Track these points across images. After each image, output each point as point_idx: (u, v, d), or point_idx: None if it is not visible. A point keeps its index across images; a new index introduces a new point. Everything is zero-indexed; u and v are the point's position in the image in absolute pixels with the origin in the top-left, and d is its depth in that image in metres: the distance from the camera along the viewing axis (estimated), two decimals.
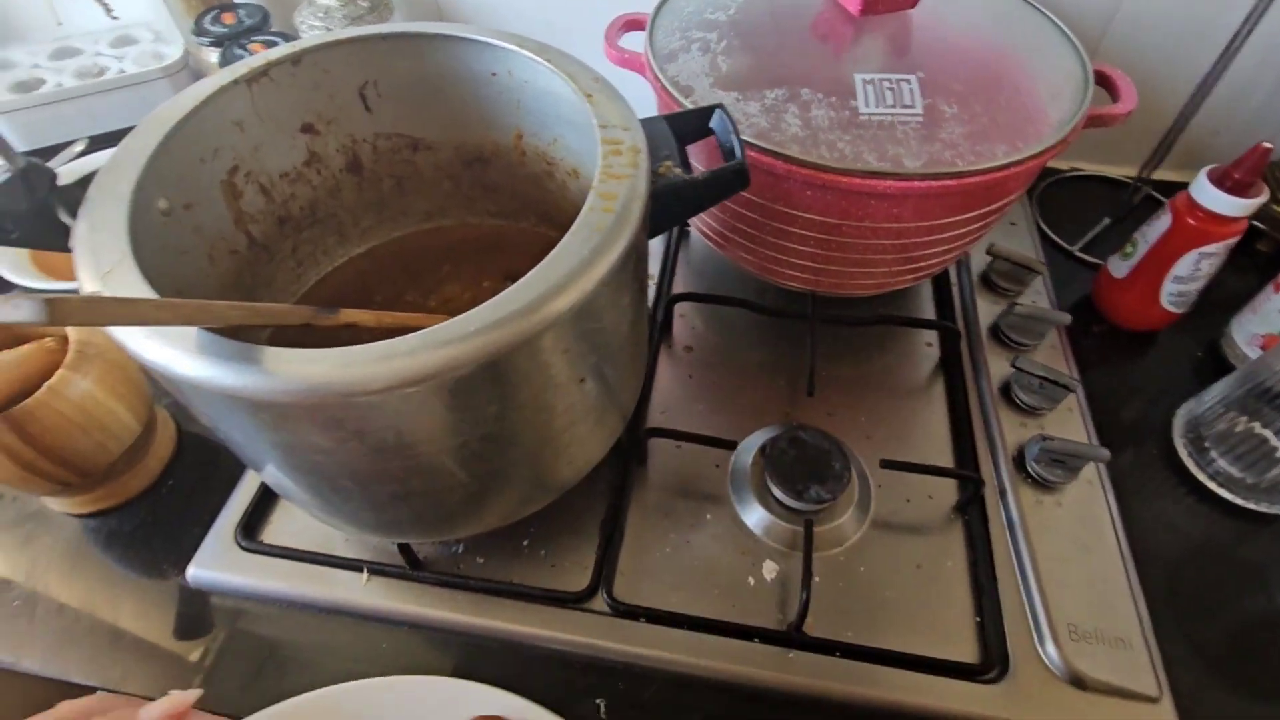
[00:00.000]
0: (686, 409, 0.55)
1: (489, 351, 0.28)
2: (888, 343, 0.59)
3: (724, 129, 0.38)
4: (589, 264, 0.31)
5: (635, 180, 0.34)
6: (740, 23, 0.49)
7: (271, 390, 0.27)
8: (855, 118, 0.43)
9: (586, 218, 0.32)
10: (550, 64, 0.40)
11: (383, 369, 0.27)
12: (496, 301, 0.29)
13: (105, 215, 0.32)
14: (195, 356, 0.27)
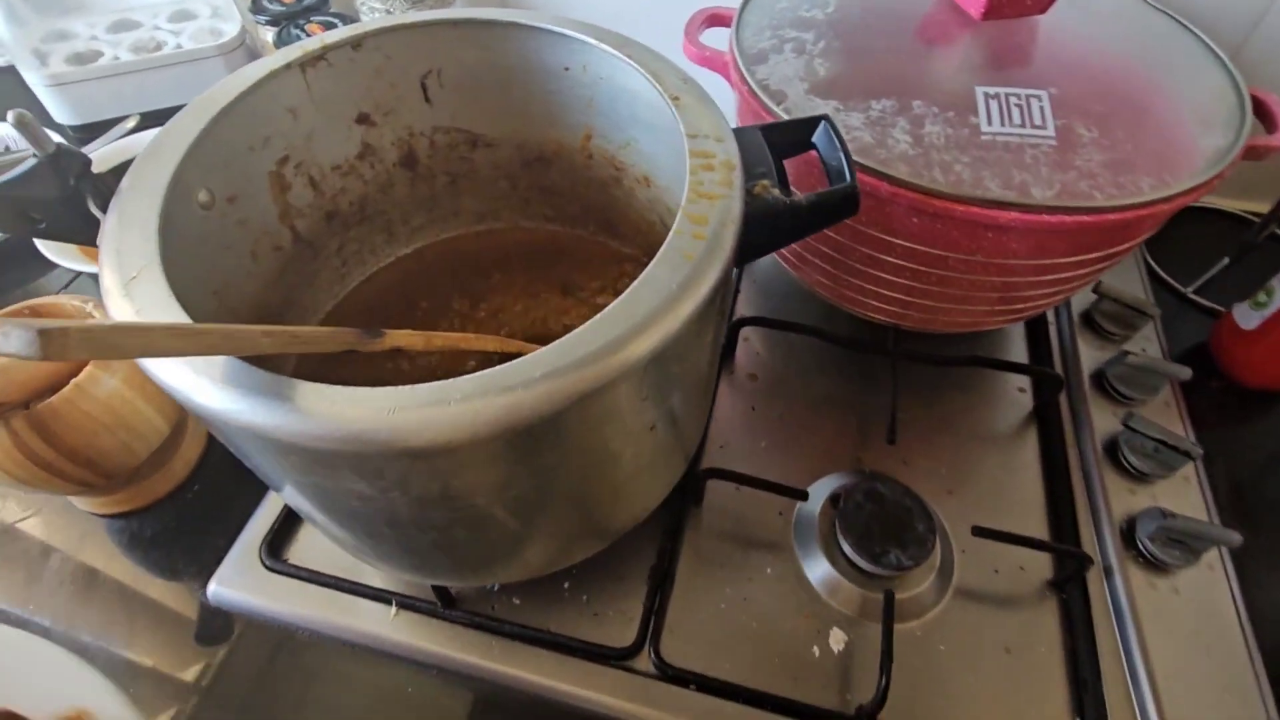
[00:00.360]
0: (748, 445, 0.50)
1: (557, 401, 0.24)
2: (973, 384, 0.53)
3: (830, 145, 0.33)
4: (676, 299, 0.26)
5: (729, 201, 0.29)
6: (840, 21, 0.44)
7: (305, 434, 0.23)
8: (975, 137, 0.37)
9: (675, 243, 0.28)
10: (632, 60, 0.36)
11: (434, 418, 0.23)
12: (569, 341, 0.25)
13: (136, 210, 0.29)
14: (220, 386, 0.23)
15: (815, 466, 0.49)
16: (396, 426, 0.23)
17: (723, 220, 0.28)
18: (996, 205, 0.35)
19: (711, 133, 0.32)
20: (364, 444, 0.23)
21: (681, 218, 0.28)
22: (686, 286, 0.26)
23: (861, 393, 0.53)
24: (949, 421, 0.51)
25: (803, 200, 0.31)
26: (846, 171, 0.31)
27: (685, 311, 0.26)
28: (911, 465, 0.49)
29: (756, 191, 0.31)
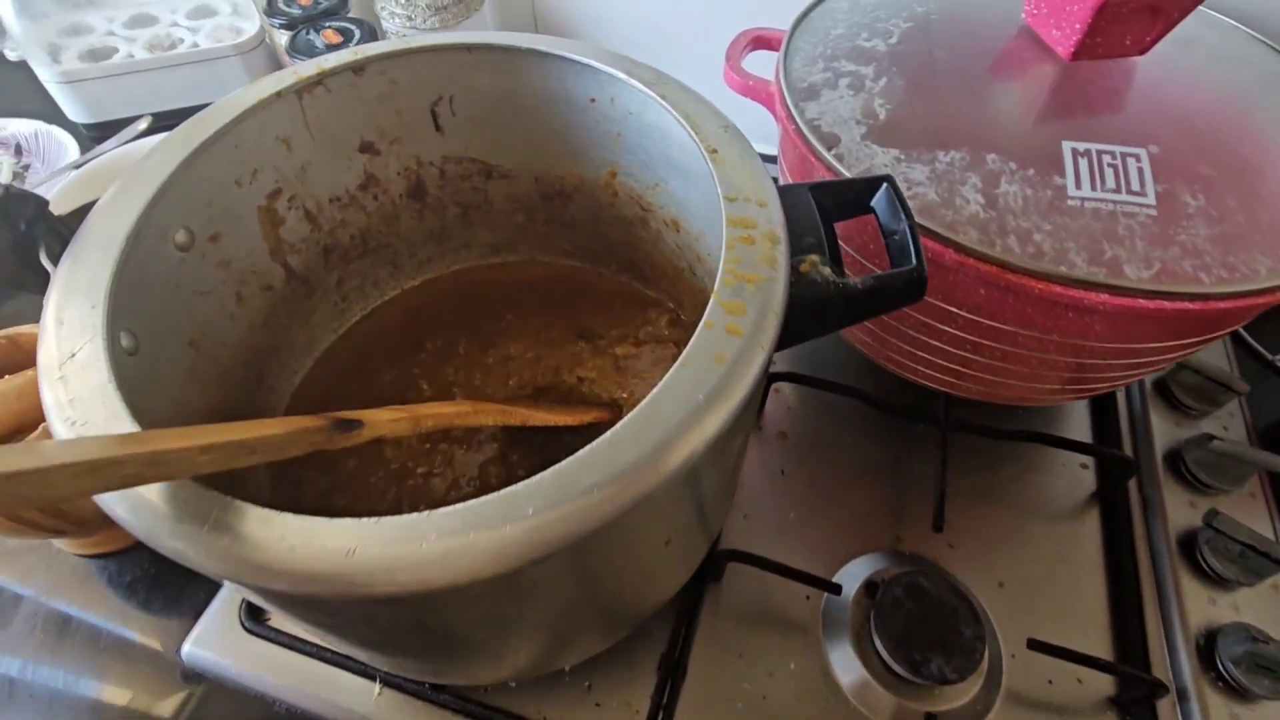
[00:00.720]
0: (775, 516, 0.45)
1: (552, 542, 0.20)
2: (1029, 457, 0.48)
3: (892, 213, 0.28)
4: (703, 413, 0.22)
5: (772, 286, 0.25)
6: (904, 55, 0.39)
7: (246, 575, 0.19)
8: (1060, 201, 0.32)
9: (705, 339, 0.23)
10: (665, 101, 0.31)
11: (403, 560, 0.19)
12: (571, 467, 0.20)
13: (88, 267, 0.25)
14: (156, 517, 0.19)
15: (849, 544, 0.44)
16: (357, 571, 0.19)
17: (763, 311, 0.24)
18: (1083, 285, 0.30)
19: (754, 195, 0.27)
20: (318, 587, 0.19)
21: (714, 305, 0.24)
22: (716, 397, 0.22)
23: (903, 460, 0.48)
24: (1001, 500, 0.46)
25: (858, 284, 0.26)
26: (912, 251, 0.26)
27: (712, 428, 0.22)
28: (958, 549, 0.44)
29: (803, 269, 0.26)
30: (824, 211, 0.29)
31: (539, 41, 0.35)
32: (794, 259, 0.26)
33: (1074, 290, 0.30)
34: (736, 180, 0.28)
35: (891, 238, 0.27)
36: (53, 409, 0.22)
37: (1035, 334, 0.34)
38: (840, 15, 0.43)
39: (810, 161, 0.36)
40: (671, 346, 0.44)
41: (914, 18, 0.41)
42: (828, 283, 0.26)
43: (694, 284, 0.42)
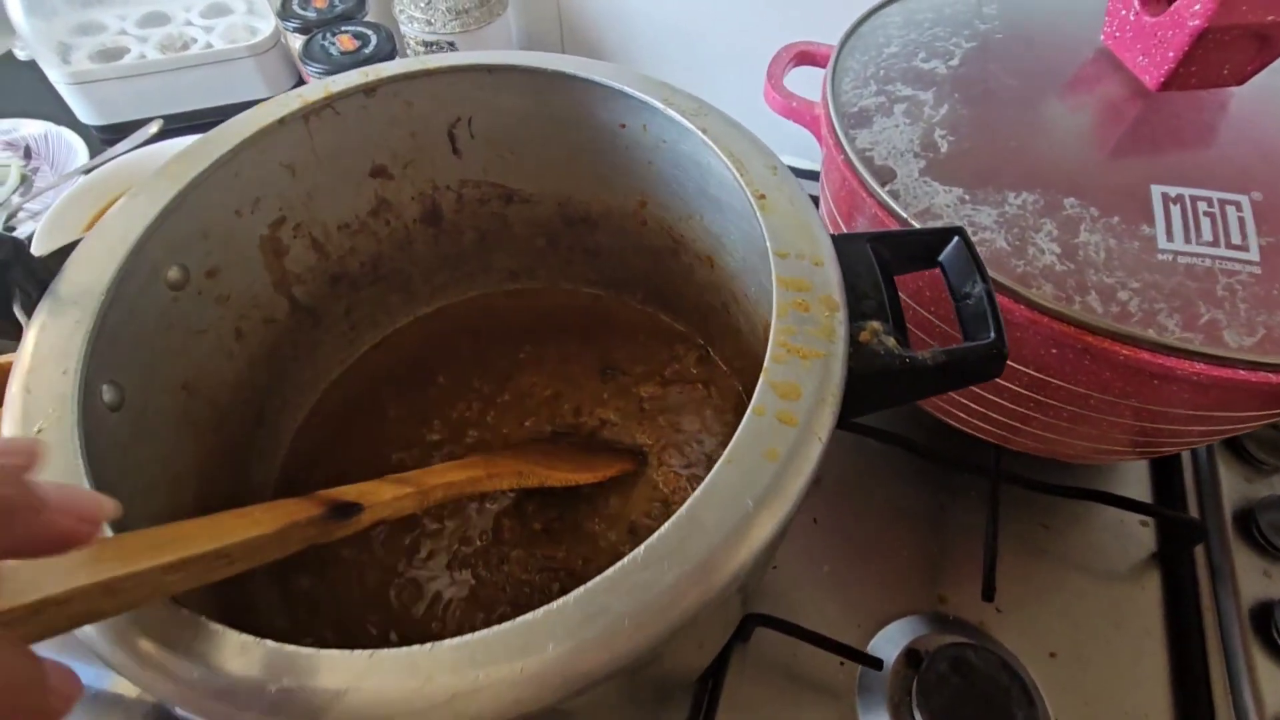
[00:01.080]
0: (807, 568, 0.42)
1: (574, 682, 0.17)
2: (1081, 514, 0.44)
3: (963, 270, 0.25)
4: (754, 519, 0.19)
5: (829, 363, 0.21)
6: (969, 80, 0.35)
7: (219, 711, 0.16)
8: (1149, 254, 0.29)
9: (755, 430, 0.20)
10: (707, 136, 0.28)
11: (402, 702, 0.16)
12: (596, 590, 0.17)
13: (62, 323, 0.23)
14: (119, 638, 0.17)
15: (887, 604, 0.41)
16: (348, 711, 0.16)
17: (820, 394, 0.21)
18: (1176, 352, 0.27)
19: (808, 251, 0.24)
20: None
21: (764, 388, 0.21)
22: (767, 502, 0.19)
23: (946, 510, 0.44)
24: (1051, 559, 0.43)
25: (927, 359, 0.23)
26: (990, 322, 0.23)
27: (762, 537, 0.19)
28: (1006, 615, 0.40)
29: (863, 339, 0.23)
30: (883, 266, 0.26)
31: (566, 63, 0.32)
32: (853, 326, 0.23)
33: (1164, 358, 0.27)
34: (787, 233, 0.25)
35: (964, 301, 0.24)
36: None
37: (1110, 398, 0.31)
38: (894, 31, 0.39)
39: (861, 197, 0.33)
40: (699, 387, 0.41)
41: (976, 36, 0.37)
42: (891, 356, 0.23)
43: (728, 322, 0.39)
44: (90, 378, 0.22)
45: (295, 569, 0.34)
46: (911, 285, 0.34)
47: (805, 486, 0.20)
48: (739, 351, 0.39)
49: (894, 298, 0.25)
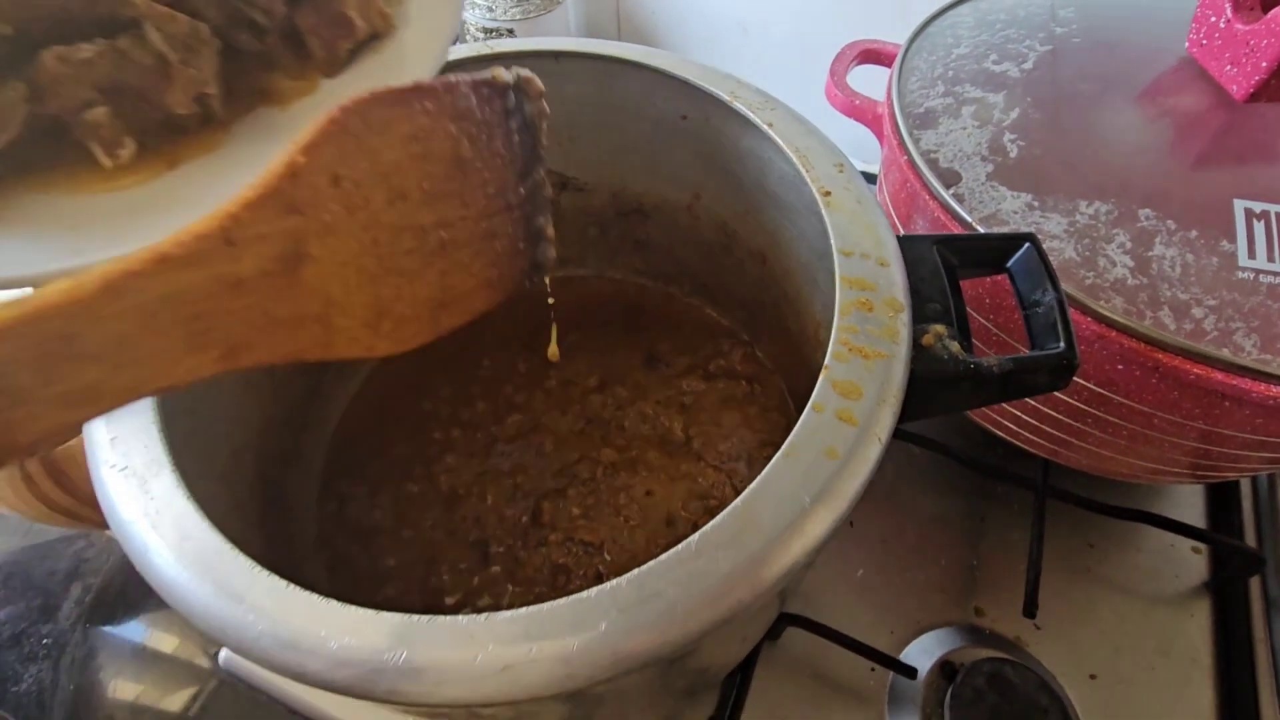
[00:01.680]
0: (840, 570, 0.42)
1: (624, 661, 0.17)
2: (1130, 535, 0.43)
3: (1032, 279, 0.24)
4: (810, 516, 0.19)
5: (892, 365, 0.21)
6: (1042, 83, 0.34)
7: (304, 674, 0.17)
8: (1228, 271, 0.28)
9: (814, 427, 0.20)
10: (773, 131, 0.28)
11: (455, 672, 0.16)
12: (651, 573, 0.18)
13: None
14: (191, 586, 0.18)
15: (922, 612, 0.40)
16: (403, 677, 0.16)
17: (881, 394, 0.21)
18: (1252, 374, 0.26)
19: (873, 251, 0.24)
20: (359, 687, 0.17)
21: (824, 385, 0.21)
22: (825, 499, 0.19)
23: (987, 521, 0.44)
24: (1096, 579, 0.41)
25: (993, 366, 0.22)
26: (1060, 331, 0.22)
27: (817, 535, 0.19)
28: (1045, 632, 0.39)
29: (926, 342, 0.23)
30: (949, 269, 0.25)
31: (632, 52, 0.32)
32: (915, 328, 0.23)
33: (1239, 379, 0.26)
34: (853, 231, 0.24)
35: (1033, 310, 0.23)
36: (96, 447, 0.20)
37: (1175, 419, 0.30)
38: (964, 32, 0.38)
39: (923, 199, 0.33)
40: (743, 384, 0.41)
41: (1052, 39, 0.36)
42: (955, 361, 0.22)
43: (777, 320, 0.38)
44: None
45: (339, 541, 0.35)
46: (970, 291, 0.33)
47: (862, 487, 0.20)
48: (786, 350, 0.39)
49: (959, 302, 0.24)
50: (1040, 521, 0.40)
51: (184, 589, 0.18)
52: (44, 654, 0.40)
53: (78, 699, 0.39)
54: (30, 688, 0.39)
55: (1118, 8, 0.38)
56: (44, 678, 0.39)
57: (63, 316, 0.14)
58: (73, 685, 0.39)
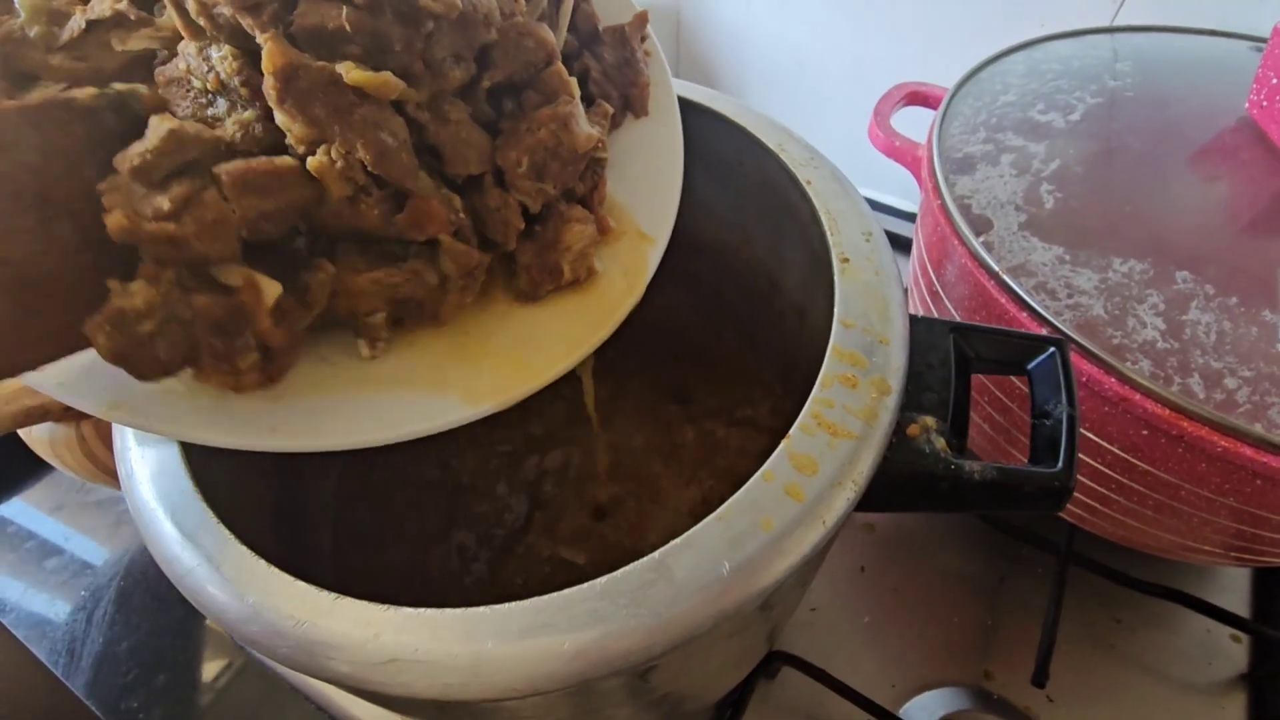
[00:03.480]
0: (846, 615, 0.41)
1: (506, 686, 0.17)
2: (1161, 614, 0.41)
3: (1050, 387, 0.23)
4: (723, 583, 0.18)
5: (859, 448, 0.20)
6: (1088, 136, 0.34)
7: (306, 665, 0.18)
8: (1268, 342, 0.26)
9: (756, 495, 0.19)
10: (810, 189, 0.28)
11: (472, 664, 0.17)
12: (563, 602, 0.18)
13: None
14: (205, 574, 0.19)
15: (928, 668, 0.39)
16: (403, 668, 0.17)
17: (838, 476, 0.20)
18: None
19: (876, 328, 0.23)
20: (357, 679, 0.18)
21: (780, 455, 0.20)
22: (744, 570, 0.18)
23: (1006, 582, 0.42)
24: (1118, 656, 0.39)
25: (975, 472, 0.21)
26: (1063, 450, 0.21)
27: (722, 607, 0.18)
28: (1058, 705, 0.37)
29: (911, 433, 0.22)
30: (962, 361, 0.24)
31: (697, 94, 0.32)
32: (904, 415, 0.22)
33: (1271, 456, 0.25)
34: (861, 303, 0.24)
35: (1041, 420, 0.22)
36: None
37: (1204, 493, 0.28)
38: (1014, 79, 0.38)
39: (952, 244, 0.32)
40: (766, 437, 0.40)
41: (1104, 92, 0.36)
42: (936, 458, 0.21)
43: (808, 380, 0.38)
44: None
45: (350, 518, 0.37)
46: (1003, 386, 0.32)
47: (794, 569, 0.19)
48: None
49: (962, 397, 0.23)
50: (1060, 587, 0.38)
51: (201, 578, 0.19)
52: (80, 605, 0.43)
53: (105, 653, 0.41)
54: (64, 635, 0.42)
55: (1179, 64, 0.37)
56: (77, 627, 0.42)
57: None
58: (103, 639, 0.41)
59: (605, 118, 0.27)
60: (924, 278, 0.38)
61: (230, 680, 0.40)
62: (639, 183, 0.29)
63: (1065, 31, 0.42)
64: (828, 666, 0.37)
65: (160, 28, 0.21)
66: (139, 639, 0.41)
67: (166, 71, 0.20)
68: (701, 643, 0.18)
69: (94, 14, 0.20)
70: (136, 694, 0.40)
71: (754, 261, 0.37)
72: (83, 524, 0.47)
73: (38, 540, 0.46)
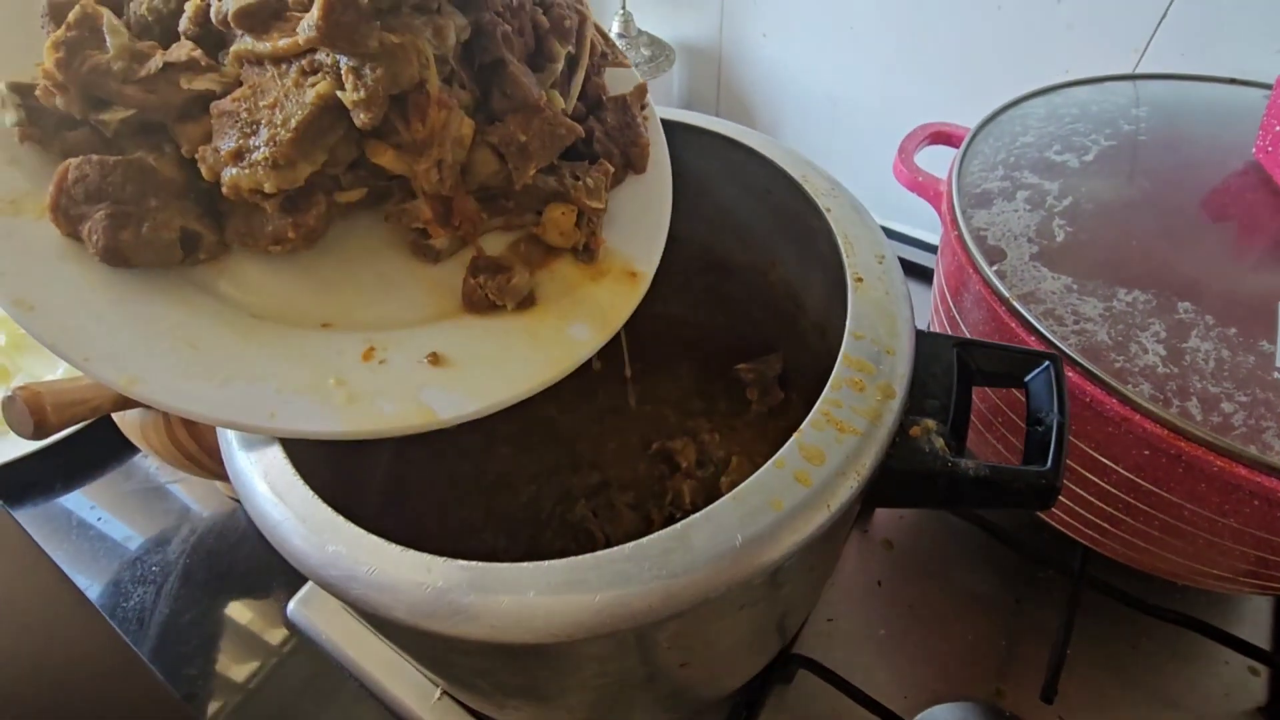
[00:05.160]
0: (863, 627, 0.42)
1: (606, 622, 0.20)
2: (1177, 642, 0.41)
3: (1045, 400, 0.25)
4: (736, 552, 0.20)
5: (863, 444, 0.22)
6: (1100, 176, 0.36)
7: (352, 596, 0.21)
8: (1264, 371, 0.28)
9: (768, 479, 0.22)
10: (829, 216, 0.31)
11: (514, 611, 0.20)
12: (584, 563, 0.20)
13: None
14: (278, 516, 0.22)
15: (941, 682, 0.40)
16: (457, 608, 0.20)
17: (843, 468, 0.22)
18: (1277, 473, 0.26)
19: (884, 339, 0.25)
20: (403, 613, 0.20)
21: (791, 446, 0.22)
22: (755, 541, 0.20)
23: (1022, 603, 0.43)
24: (1132, 682, 0.40)
25: (969, 469, 0.23)
26: (1051, 452, 0.23)
27: (735, 574, 0.20)
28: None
29: (913, 433, 0.24)
30: (964, 373, 0.26)
31: (729, 129, 0.36)
32: (907, 418, 0.24)
33: (1264, 477, 0.26)
34: (871, 318, 0.26)
35: (1034, 428, 0.25)
36: None
37: (1206, 514, 0.29)
38: (1033, 122, 0.40)
39: (968, 273, 0.34)
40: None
41: (1118, 136, 0.38)
42: (935, 456, 0.23)
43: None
44: None
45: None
46: (1007, 397, 0.34)
47: (801, 544, 0.21)
48: None
49: (963, 405, 0.25)
50: (1072, 608, 0.39)
51: (275, 519, 0.23)
52: (151, 579, 0.47)
53: (170, 623, 0.45)
54: (135, 605, 0.45)
55: (1194, 110, 0.39)
56: (147, 599, 0.46)
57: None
58: (169, 610, 0.45)
59: (607, 175, 0.30)
60: (943, 304, 0.40)
61: (282, 654, 0.43)
62: (632, 227, 0.33)
63: (1087, 78, 0.44)
64: (843, 673, 0.38)
65: (224, 74, 0.25)
66: (200, 612, 0.45)
67: (220, 105, 0.25)
68: (715, 607, 0.21)
69: (171, 57, 0.25)
70: (195, 663, 0.43)
71: (781, 283, 0.40)
72: (159, 505, 0.51)
73: (120, 520, 0.50)
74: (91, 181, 0.23)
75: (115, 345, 0.23)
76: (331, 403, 0.25)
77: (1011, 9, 0.51)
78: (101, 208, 0.23)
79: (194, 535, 0.49)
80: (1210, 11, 0.46)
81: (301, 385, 0.25)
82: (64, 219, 0.23)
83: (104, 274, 0.24)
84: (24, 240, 0.23)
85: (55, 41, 0.23)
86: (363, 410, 0.25)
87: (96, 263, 0.24)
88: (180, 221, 0.25)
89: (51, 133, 0.25)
